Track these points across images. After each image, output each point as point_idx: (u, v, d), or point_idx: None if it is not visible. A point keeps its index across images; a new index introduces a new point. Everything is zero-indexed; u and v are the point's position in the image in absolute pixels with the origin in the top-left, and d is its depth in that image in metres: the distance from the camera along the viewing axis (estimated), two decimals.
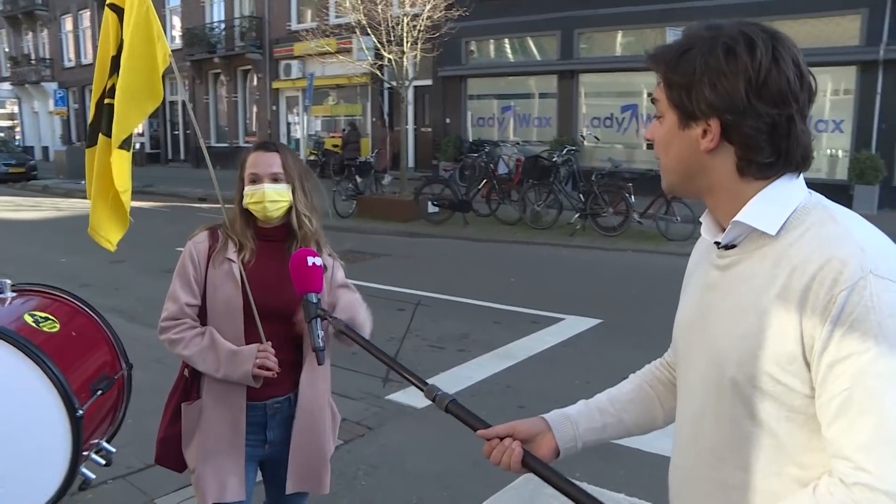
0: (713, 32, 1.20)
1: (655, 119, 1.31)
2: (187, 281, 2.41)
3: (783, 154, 1.19)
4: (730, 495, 1.24)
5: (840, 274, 1.09)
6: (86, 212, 2.67)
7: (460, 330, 7.15)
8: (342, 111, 25.60)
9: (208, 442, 2.40)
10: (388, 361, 1.62)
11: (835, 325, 1.08)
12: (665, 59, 1.24)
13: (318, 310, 1.77)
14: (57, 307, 2.36)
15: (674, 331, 1.45)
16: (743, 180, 1.22)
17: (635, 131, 18.28)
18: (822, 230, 1.16)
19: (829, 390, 1.10)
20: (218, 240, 2.46)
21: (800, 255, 1.15)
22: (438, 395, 1.52)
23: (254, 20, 27.16)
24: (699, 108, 1.20)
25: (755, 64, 1.15)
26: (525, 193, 13.62)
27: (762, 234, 1.20)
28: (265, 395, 2.44)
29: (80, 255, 11.15)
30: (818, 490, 1.12)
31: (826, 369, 1.10)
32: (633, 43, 18.23)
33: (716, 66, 1.17)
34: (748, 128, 1.17)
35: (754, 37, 1.17)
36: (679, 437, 1.39)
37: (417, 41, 14.69)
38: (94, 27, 35.41)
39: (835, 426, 1.10)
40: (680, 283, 1.49)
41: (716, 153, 1.22)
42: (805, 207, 1.20)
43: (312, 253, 1.86)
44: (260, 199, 2.42)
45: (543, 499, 3.88)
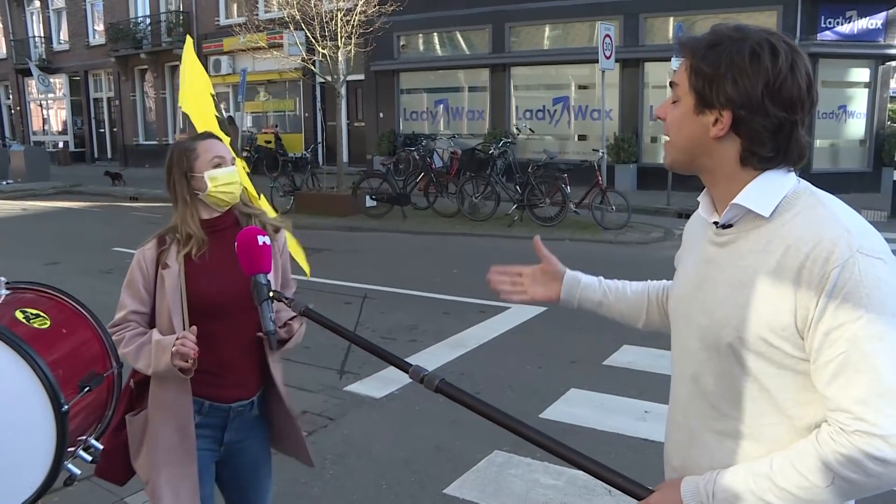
0: (741, 34, 1.35)
1: (669, 100, 1.46)
2: (136, 290, 2.36)
3: (782, 151, 1.36)
4: (726, 443, 1.42)
5: (831, 253, 1.26)
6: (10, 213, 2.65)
7: (409, 321, 7.27)
8: (273, 107, 25.33)
9: (158, 452, 2.34)
10: (366, 344, 1.64)
11: (829, 298, 1.25)
12: (695, 48, 1.38)
13: (270, 291, 1.72)
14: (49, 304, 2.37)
15: (670, 300, 1.63)
16: (743, 168, 1.39)
17: (567, 123, 18.67)
18: (811, 213, 1.33)
19: (826, 354, 1.27)
20: (165, 244, 2.40)
21: (792, 235, 1.32)
22: (426, 375, 1.53)
23: (181, 14, 26.57)
24: (717, 99, 1.34)
25: (776, 69, 1.31)
26: (462, 186, 13.78)
27: (757, 215, 1.37)
28: (232, 398, 2.41)
29: (11, 258, 10.82)
30: (820, 437, 1.29)
31: (822, 336, 1.27)
32: (563, 36, 18.61)
33: (740, 65, 1.32)
34: (757, 124, 1.33)
35: (778, 46, 1.33)
36: (678, 395, 1.56)
37: (351, 36, 14.68)
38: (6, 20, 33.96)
39: (834, 385, 1.27)
40: (616, 270, 1.67)
41: (722, 140, 1.37)
42: (795, 192, 1.37)
43: (261, 232, 1.83)
44: (232, 179, 2.39)
45: (507, 479, 4.05)
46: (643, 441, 4.41)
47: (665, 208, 13.97)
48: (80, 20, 31.02)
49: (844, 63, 15.74)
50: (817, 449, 1.28)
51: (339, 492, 3.99)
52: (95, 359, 2.40)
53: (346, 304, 7.96)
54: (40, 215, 16.26)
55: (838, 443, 1.25)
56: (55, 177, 22.97)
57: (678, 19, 16.25)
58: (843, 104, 16.04)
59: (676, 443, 1.56)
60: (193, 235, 2.38)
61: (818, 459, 1.27)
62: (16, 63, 32.92)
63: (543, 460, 4.16)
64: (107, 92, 31.27)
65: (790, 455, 1.31)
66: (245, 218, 2.49)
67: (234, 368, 2.40)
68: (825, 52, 15.21)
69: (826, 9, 15.41)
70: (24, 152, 23.02)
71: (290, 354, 1.61)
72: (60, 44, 32.35)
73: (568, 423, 4.71)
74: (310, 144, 22.46)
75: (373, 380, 5.54)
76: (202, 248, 2.37)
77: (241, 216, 2.49)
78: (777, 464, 1.31)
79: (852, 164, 16.33)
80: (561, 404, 5.05)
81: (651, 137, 17.52)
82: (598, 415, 4.86)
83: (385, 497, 3.94)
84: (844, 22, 15.50)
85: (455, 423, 4.63)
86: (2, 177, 22.47)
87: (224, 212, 2.45)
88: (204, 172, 2.37)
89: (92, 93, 31.88)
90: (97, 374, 2.32)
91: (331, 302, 8.08)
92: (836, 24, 15.51)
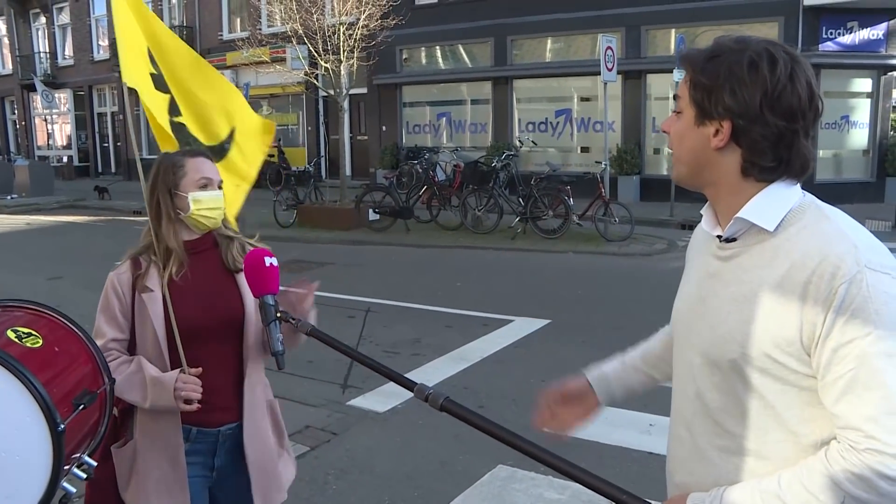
0: (741, 45, 1.35)
1: (673, 114, 1.46)
2: (112, 315, 2.29)
3: (784, 162, 1.35)
4: (730, 460, 1.40)
5: (838, 269, 1.24)
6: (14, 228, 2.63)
7: (412, 335, 7.24)
8: (276, 121, 25.39)
9: (148, 484, 2.29)
10: (370, 363, 1.61)
11: (837, 314, 1.23)
12: (694, 61, 1.39)
13: (278, 312, 1.71)
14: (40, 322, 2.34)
15: (673, 313, 1.60)
16: (745, 180, 1.37)
17: (569, 135, 18.69)
18: (817, 227, 1.31)
19: (835, 371, 1.25)
20: (141, 267, 2.32)
21: (798, 249, 1.30)
22: (430, 394, 1.49)
23: (184, 29, 26.70)
24: (716, 110, 1.34)
25: (774, 79, 1.30)
26: (465, 199, 13.80)
27: (761, 229, 1.35)
28: (218, 422, 2.35)
29: (15, 272, 10.85)
30: (830, 455, 1.26)
31: (830, 353, 1.25)
32: (565, 49, 18.66)
33: (738, 75, 1.32)
34: (756, 134, 1.33)
35: (777, 55, 1.32)
36: (680, 411, 1.54)
37: (354, 50, 14.73)
38: (13, 36, 34.18)
39: (843, 402, 1.25)
40: (620, 282, 1.66)
41: (724, 152, 1.37)
42: (801, 206, 1.35)
43: (268, 253, 1.80)
44: (216, 204, 2.33)
45: (511, 493, 4.02)
46: (648, 454, 4.38)
47: (668, 219, 13.95)
48: (84, 35, 31.20)
49: (846, 73, 15.75)
50: (827, 467, 1.25)
51: None
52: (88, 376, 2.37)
53: (349, 317, 7.95)
54: (44, 230, 16.30)
55: (849, 461, 1.23)
56: (59, 191, 23.05)
57: (680, 31, 16.27)
58: (845, 114, 16.03)
59: (679, 459, 1.53)
60: (174, 252, 2.32)
61: (828, 478, 1.25)
62: (21, 78, 33.08)
63: (547, 474, 4.12)
64: (111, 106, 31.38)
65: (799, 472, 1.29)
66: (224, 240, 2.43)
67: (219, 392, 2.34)
68: (827, 62, 15.22)
69: (827, 20, 15.43)
70: (28, 167, 23.09)
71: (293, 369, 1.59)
72: (65, 59, 32.53)
73: (572, 437, 4.66)
74: (312, 158, 22.49)
75: (376, 394, 5.52)
76: (182, 268, 2.31)
77: (220, 238, 2.44)
78: (785, 481, 1.29)
79: (855, 175, 16.30)
80: None
81: (654, 149, 17.52)
82: (603, 428, 4.80)
83: None
84: (846, 32, 15.52)
85: (458, 437, 4.60)
86: (6, 192, 22.53)
87: (203, 234, 2.40)
88: (188, 193, 2.30)
89: (96, 107, 32.00)
90: (90, 392, 2.29)
91: (334, 316, 8.07)
92: (838, 35, 15.53)
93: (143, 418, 2.32)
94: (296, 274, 10.58)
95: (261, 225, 14.90)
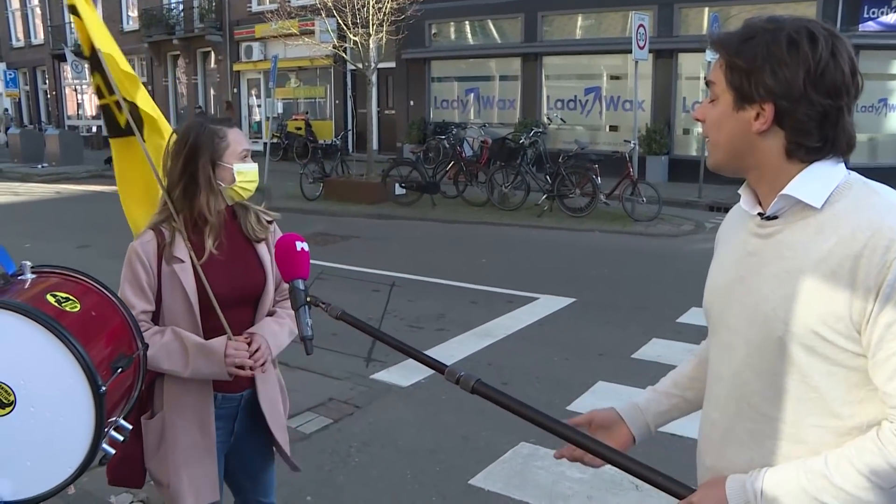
0: (776, 24, 1.30)
1: (706, 101, 1.41)
2: (140, 287, 2.28)
3: (830, 141, 1.30)
4: (764, 444, 1.36)
5: (892, 242, 1.20)
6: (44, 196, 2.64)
7: (437, 310, 7.25)
8: (303, 94, 25.41)
9: (178, 453, 2.32)
10: (403, 347, 1.59)
11: (892, 289, 1.19)
12: (728, 44, 1.34)
13: (307, 296, 1.69)
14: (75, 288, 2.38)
15: (706, 295, 1.54)
16: (790, 162, 1.33)
17: (598, 114, 18.49)
18: (866, 201, 1.28)
19: (888, 348, 1.21)
20: (165, 237, 2.30)
21: (846, 224, 1.26)
22: (462, 376, 1.48)
23: (213, 1, 26.70)
24: (757, 92, 1.30)
25: (816, 56, 1.26)
26: (492, 175, 13.72)
27: (806, 206, 1.31)
28: (241, 387, 2.41)
29: (43, 240, 10.99)
30: (883, 435, 1.23)
31: (883, 329, 1.21)
32: (595, 26, 18.41)
33: (778, 55, 1.27)
34: (801, 114, 1.28)
35: (816, 32, 1.27)
36: (715, 392, 1.50)
37: (383, 24, 14.65)
38: (45, 6, 34.46)
39: (895, 381, 1.21)
40: (646, 262, 1.61)
41: (766, 135, 1.32)
42: (847, 182, 1.31)
43: (299, 238, 1.80)
44: (255, 177, 2.35)
45: (532, 471, 4.03)
46: (671, 436, 4.35)
47: (696, 201, 13.79)
48: (114, 6, 31.32)
49: (887, 55, 15.33)
50: (880, 447, 1.22)
51: (363, 480, 3.99)
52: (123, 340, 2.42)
53: (374, 291, 7.98)
54: (73, 198, 16.50)
55: None
56: (88, 160, 23.25)
57: (713, 10, 15.95)
58: (883, 97, 15.64)
59: (711, 442, 1.50)
60: (210, 224, 2.31)
61: (880, 458, 1.21)
62: (52, 49, 33.36)
63: None
64: (140, 77, 31.49)
65: (849, 453, 1.25)
66: (242, 210, 2.44)
67: None
68: (867, 43, 14.83)
69: None
70: (58, 136, 23.30)
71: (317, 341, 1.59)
72: None
73: None
74: (340, 132, 22.50)
75: (399, 368, 5.53)
76: (218, 239, 2.32)
77: (238, 208, 2.44)
78: (833, 461, 1.25)
79: (892, 159, 15.91)
80: (588, 397, 5.00)
81: (683, 129, 17.27)
82: None
83: (410, 486, 3.93)
84: (890, 11, 15.09)
85: (482, 413, 4.60)
86: (37, 160, 22.82)
87: (226, 206, 2.40)
88: (233, 164, 2.30)
89: None
90: (126, 356, 2.33)
91: (359, 289, 8.10)
92: (880, 14, 15.11)
93: (171, 388, 2.34)
94: (321, 246, 10.63)
95: (287, 197, 14.97)
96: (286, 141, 23.10)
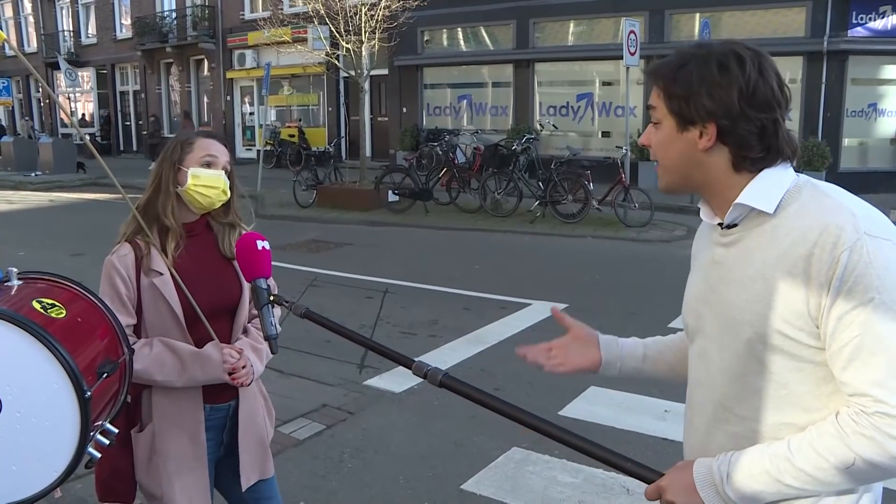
0: (705, 50, 1.39)
1: (651, 125, 1.48)
2: (121, 300, 2.25)
3: (773, 149, 1.38)
4: (743, 446, 1.40)
5: (839, 238, 1.26)
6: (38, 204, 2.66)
7: (430, 316, 7.25)
8: (296, 101, 25.43)
9: (169, 465, 2.31)
10: (367, 343, 1.62)
11: (840, 282, 1.26)
12: (663, 73, 1.42)
13: (270, 295, 1.70)
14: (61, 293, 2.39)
15: (683, 306, 1.61)
16: (738, 174, 1.40)
17: (591, 120, 18.57)
18: (815, 203, 1.34)
19: (840, 339, 1.27)
20: (142, 250, 2.28)
21: (798, 226, 1.32)
22: (429, 370, 1.53)
23: (206, 9, 26.73)
24: (698, 115, 1.38)
25: (745, 76, 1.34)
26: (485, 182, 13.75)
27: (760, 212, 1.38)
28: (228, 397, 2.41)
29: (37, 249, 10.98)
30: (841, 419, 1.29)
31: (836, 321, 1.27)
32: (587, 32, 18.50)
33: (711, 79, 1.36)
34: (742, 130, 1.36)
35: (742, 53, 1.36)
36: (695, 399, 1.55)
37: (375, 31, 14.68)
38: (38, 15, 34.48)
39: (850, 369, 1.27)
40: (638, 268, 1.66)
41: (711, 151, 1.40)
42: (797, 186, 1.38)
43: (260, 237, 1.79)
44: (215, 183, 2.29)
45: (525, 475, 4.03)
46: (662, 440, 4.38)
47: (688, 206, 13.78)
48: (107, 14, 31.36)
49: (875, 60, 15.45)
50: (838, 429, 1.28)
51: (356, 486, 3.99)
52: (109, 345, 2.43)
53: (367, 298, 7.98)
54: (67, 207, 16.47)
55: (860, 424, 1.26)
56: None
57: (704, 15, 16.06)
58: (873, 102, 15.74)
59: (693, 446, 1.55)
60: (171, 230, 2.30)
61: (839, 441, 1.27)
62: (46, 57, 33.32)
63: (562, 457, 4.13)
64: (133, 85, 31.56)
65: (809, 436, 1.31)
66: (224, 227, 2.42)
67: None
68: (856, 48, 14.97)
69: (858, 4, 15.11)
70: (52, 144, 23.28)
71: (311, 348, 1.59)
72: (88, 37, 32.74)
73: (587, 421, 4.67)
74: (333, 139, 22.52)
75: (393, 374, 5.53)
76: (180, 247, 2.31)
77: (216, 224, 2.43)
78: (795, 444, 1.32)
79: (882, 164, 16.03)
80: (580, 402, 5.01)
81: None
82: (618, 413, 4.82)
83: (402, 492, 3.93)
84: (878, 17, 15.20)
85: (474, 418, 4.61)
86: (31, 168, 22.77)
87: (199, 217, 2.39)
88: (189, 167, 2.29)
89: (118, 86, 32.20)
90: (112, 361, 2.35)
91: (352, 296, 8.11)
92: (869, 20, 15.22)
93: (160, 400, 2.32)
94: (314, 254, 10.63)
95: (281, 205, 14.98)
96: (279, 148, 23.11)
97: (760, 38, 14.80)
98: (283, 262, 9.76)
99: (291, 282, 8.46)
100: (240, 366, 2.30)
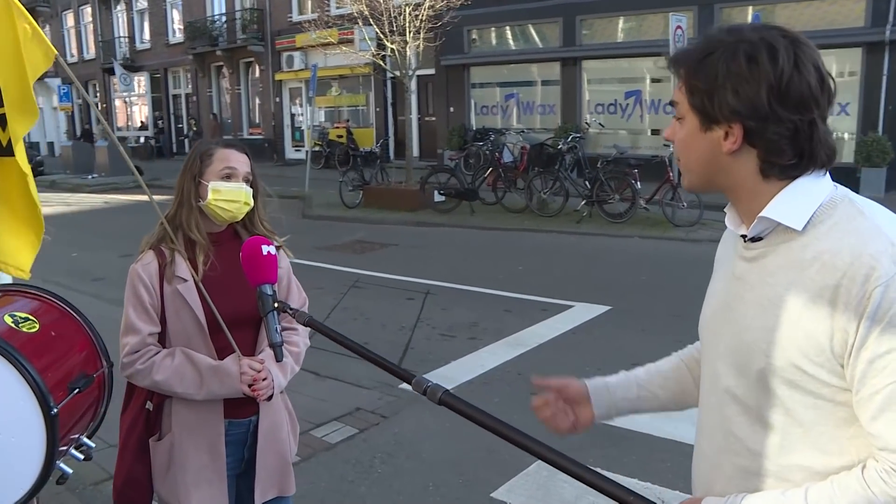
0: (735, 37, 1.21)
1: (675, 120, 1.33)
2: (144, 309, 2.25)
3: (806, 156, 1.21)
4: (750, 481, 1.28)
5: (873, 270, 1.10)
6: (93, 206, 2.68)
7: (470, 318, 7.19)
8: (345, 102, 25.61)
9: (188, 476, 2.29)
10: (369, 355, 1.56)
11: (872, 322, 1.10)
12: (686, 63, 1.26)
13: (275, 302, 1.67)
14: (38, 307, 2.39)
15: (700, 319, 1.47)
16: (766, 181, 1.24)
17: (639, 117, 18.26)
18: (850, 225, 1.17)
19: (871, 385, 1.12)
20: (165, 258, 2.28)
21: (828, 250, 1.16)
22: (429, 386, 1.43)
23: (255, 12, 27.14)
24: (721, 113, 1.21)
25: (777, 70, 1.17)
26: (531, 181, 13.62)
27: (788, 227, 1.22)
28: (249, 412, 2.38)
29: (90, 249, 11.23)
30: (867, 474, 1.14)
31: (866, 365, 1.12)
32: (636, 28, 18.19)
33: (738, 72, 1.18)
34: (771, 133, 1.19)
35: (775, 43, 1.18)
36: (704, 421, 1.42)
37: (420, 31, 14.67)
38: (97, 23, 35.46)
39: (881, 420, 1.12)
40: (686, 268, 1.54)
41: (738, 155, 1.24)
42: (832, 201, 1.22)
43: (266, 241, 1.77)
44: (236, 197, 2.28)
45: (557, 484, 3.94)
46: (675, 443, 4.23)
47: None
48: (160, 20, 32.07)
49: None
50: (864, 487, 1.13)
51: (385, 491, 3.95)
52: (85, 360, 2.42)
53: (408, 299, 7.95)
54: (120, 208, 16.85)
55: (890, 484, 1.11)
56: None
57: (756, 8, 15.64)
58: None
59: (700, 473, 1.43)
60: (198, 243, 2.30)
61: (864, 500, 1.13)
62: (103, 63, 34.33)
63: (596, 467, 4.02)
64: (185, 88, 32.24)
65: (830, 490, 1.17)
66: (246, 234, 2.39)
67: None
68: None
69: None
70: (108, 148, 23.89)
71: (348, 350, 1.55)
72: (143, 43, 33.56)
73: (623, 428, 4.53)
74: (380, 139, 22.62)
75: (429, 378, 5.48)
76: (209, 259, 2.29)
77: (242, 232, 2.40)
78: (813, 495, 1.17)
79: None
80: None
81: None
82: (656, 420, 4.65)
83: (431, 499, 3.88)
84: None
85: None
86: (88, 171, 23.41)
87: (224, 227, 2.38)
88: (210, 181, 2.28)
89: (171, 89, 32.90)
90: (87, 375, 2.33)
91: (393, 297, 8.09)
92: None
93: (180, 410, 2.30)
94: (359, 254, 10.65)
95: (328, 205, 15.08)
96: (328, 149, 23.32)
97: (816, 29, 14.34)
98: (327, 263, 9.83)
99: (335, 283, 8.51)
100: (260, 377, 2.26)
